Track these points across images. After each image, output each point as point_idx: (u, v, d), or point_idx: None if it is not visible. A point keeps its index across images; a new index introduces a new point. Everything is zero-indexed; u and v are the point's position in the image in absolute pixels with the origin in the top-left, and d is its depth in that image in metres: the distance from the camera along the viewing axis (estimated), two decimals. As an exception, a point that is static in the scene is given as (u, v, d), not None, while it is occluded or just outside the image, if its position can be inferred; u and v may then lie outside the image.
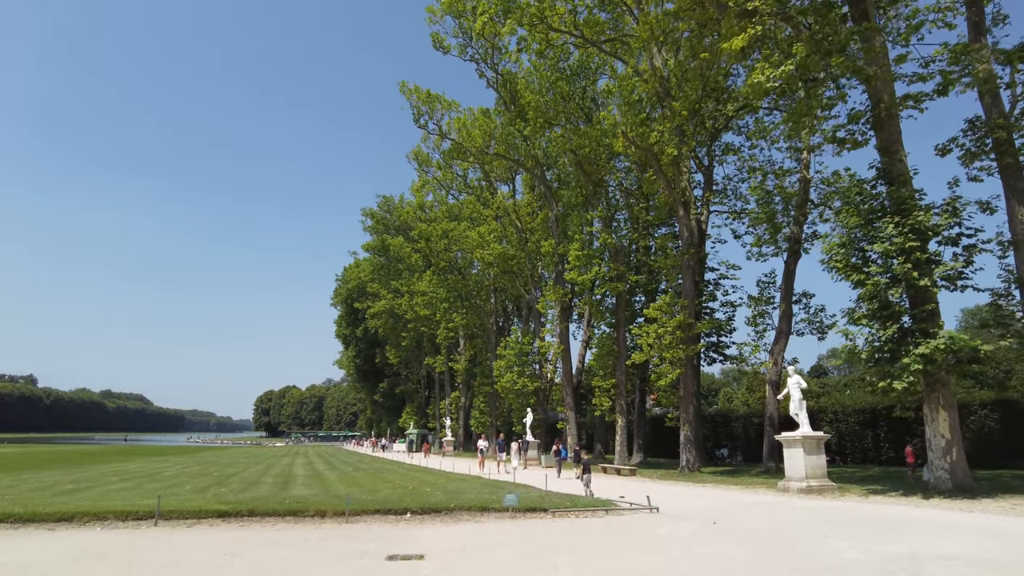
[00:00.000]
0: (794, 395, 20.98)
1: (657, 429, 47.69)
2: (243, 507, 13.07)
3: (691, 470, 29.77)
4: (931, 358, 16.35)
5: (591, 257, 37.01)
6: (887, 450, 33.62)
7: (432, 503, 14.25)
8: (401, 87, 51.01)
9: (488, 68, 46.01)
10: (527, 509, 13.88)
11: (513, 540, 11.13)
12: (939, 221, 17.30)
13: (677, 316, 30.33)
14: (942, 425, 18.05)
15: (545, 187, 45.12)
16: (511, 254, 49.53)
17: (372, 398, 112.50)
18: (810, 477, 19.55)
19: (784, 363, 31.49)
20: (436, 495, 16.52)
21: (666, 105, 30.97)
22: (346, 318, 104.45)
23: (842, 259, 18.46)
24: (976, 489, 17.72)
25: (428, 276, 62.40)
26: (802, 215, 32.96)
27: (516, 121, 43.14)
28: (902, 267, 16.81)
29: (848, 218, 18.62)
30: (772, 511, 15.06)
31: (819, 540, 10.71)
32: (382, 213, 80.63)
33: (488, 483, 22.12)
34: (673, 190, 31.98)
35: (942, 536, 11.10)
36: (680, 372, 30.70)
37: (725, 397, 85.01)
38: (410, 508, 13.59)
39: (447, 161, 61.68)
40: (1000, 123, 20.82)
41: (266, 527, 12.10)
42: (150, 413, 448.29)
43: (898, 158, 19.35)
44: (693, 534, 11.54)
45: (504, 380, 46.26)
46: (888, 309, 17.39)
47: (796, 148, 33.82)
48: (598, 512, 14.23)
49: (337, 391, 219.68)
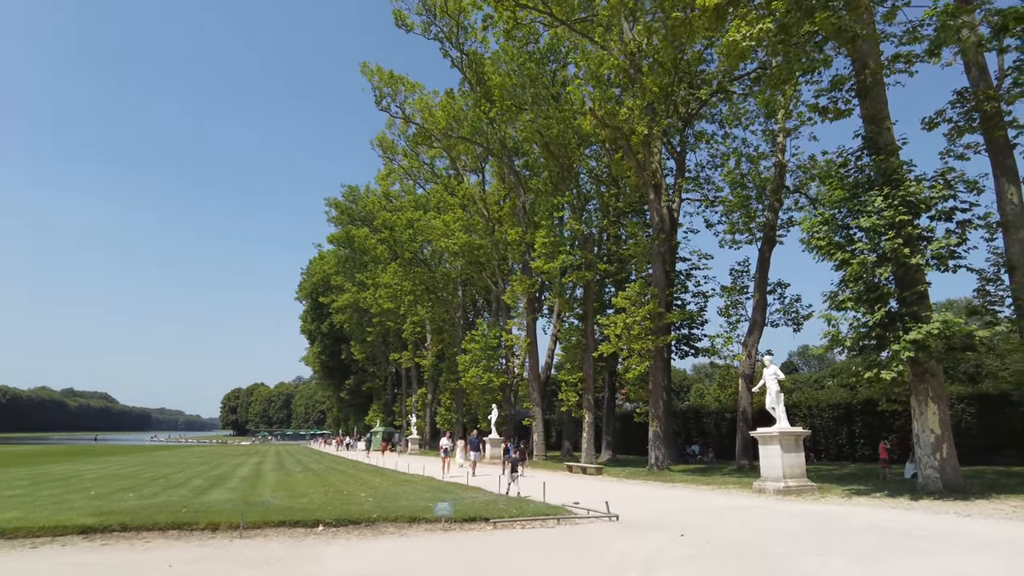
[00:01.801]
0: (770, 387, 19.22)
1: (627, 425, 46.09)
2: (114, 521, 10.74)
3: (660, 468, 28.00)
4: (923, 344, 14.64)
5: (558, 244, 35.00)
6: (862, 446, 32.57)
7: (353, 513, 12.06)
8: (362, 68, 48.58)
9: (453, 48, 43.81)
10: (465, 519, 11.79)
11: (436, 561, 9.03)
12: (932, 194, 15.59)
13: (647, 305, 28.49)
14: (931, 419, 16.41)
15: (513, 173, 43.02)
16: (477, 244, 47.33)
17: (338, 395, 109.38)
18: (788, 477, 17.78)
19: (758, 355, 29.92)
20: (367, 502, 14.34)
21: (636, 82, 29.09)
22: (311, 313, 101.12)
23: (824, 237, 16.67)
24: (968, 489, 16.11)
25: (393, 268, 59.95)
26: (777, 201, 31.43)
27: (482, 102, 40.99)
28: (892, 243, 15.06)
29: (832, 192, 16.85)
30: (750, 518, 13.18)
31: (813, 561, 8.76)
32: (347, 203, 77.72)
33: (437, 486, 19.96)
34: (643, 172, 30.13)
35: (955, 552, 9.28)
36: (649, 364, 28.90)
37: (697, 393, 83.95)
38: (323, 520, 11.39)
39: (413, 148, 59.29)
40: (990, 94, 19.31)
41: (134, 546, 9.81)
42: (115, 412, 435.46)
43: (885, 127, 17.68)
44: (656, 552, 9.55)
45: (469, 375, 44.12)
46: (876, 291, 15.64)
47: (771, 131, 32.29)
48: (548, 521, 12.20)
49: (306, 389, 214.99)
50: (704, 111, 36.75)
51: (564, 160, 37.34)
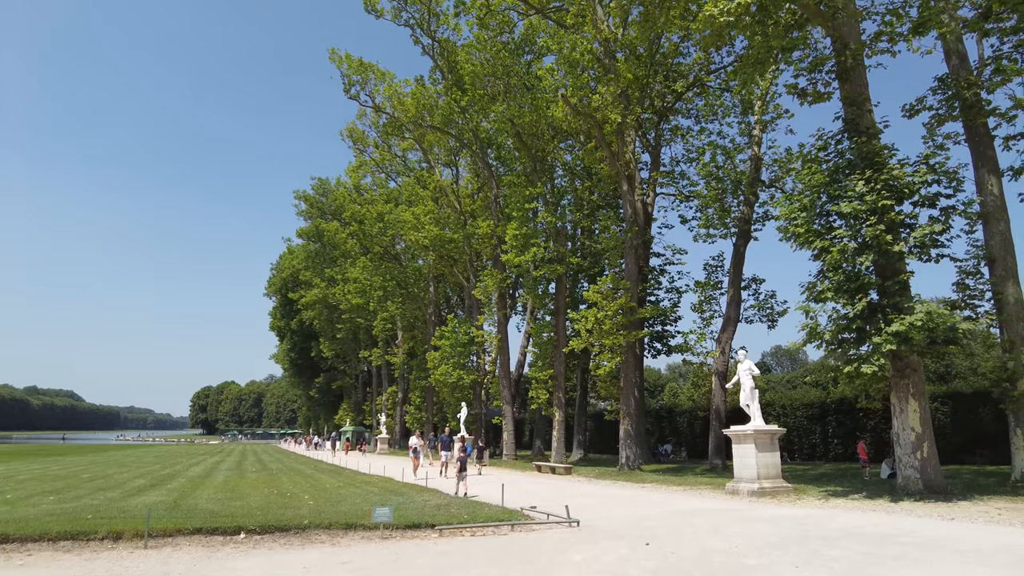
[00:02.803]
0: (745, 383, 18.26)
1: (601, 424, 45.26)
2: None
3: (631, 468, 27.00)
4: (906, 337, 13.75)
5: (530, 237, 33.81)
6: (836, 445, 32.12)
7: (285, 519, 10.73)
8: (331, 54, 46.93)
9: (424, 35, 42.38)
10: (408, 526, 10.53)
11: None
12: (915, 179, 14.71)
13: (619, 299, 27.46)
14: (912, 417, 15.55)
15: (485, 165, 41.75)
16: (448, 238, 45.97)
17: (308, 394, 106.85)
18: (763, 477, 16.83)
19: (732, 352, 29.11)
20: (306, 506, 13.01)
21: (611, 70, 28.05)
22: (281, 309, 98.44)
23: (803, 224, 15.72)
24: (949, 490, 15.28)
25: (362, 262, 58.20)
26: (753, 195, 30.69)
27: (453, 90, 39.68)
28: (874, 229, 14.14)
29: (811, 176, 15.91)
30: (722, 523, 12.13)
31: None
32: (317, 196, 75.64)
33: (391, 488, 18.64)
34: (617, 162, 29.12)
35: (948, 561, 8.28)
36: (621, 360, 27.90)
37: (671, 393, 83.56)
38: (247, 527, 10.06)
39: (384, 139, 57.58)
40: (972, 79, 18.61)
41: (10, 560, 8.39)
42: (81, 410, 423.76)
43: (866, 108, 16.82)
44: (616, 564, 8.40)
45: (438, 373, 42.72)
46: (856, 281, 14.72)
47: (747, 123, 31.55)
48: (502, 528, 11.00)
49: (277, 387, 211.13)
50: (680, 106, 35.91)
51: (537, 151, 36.20)
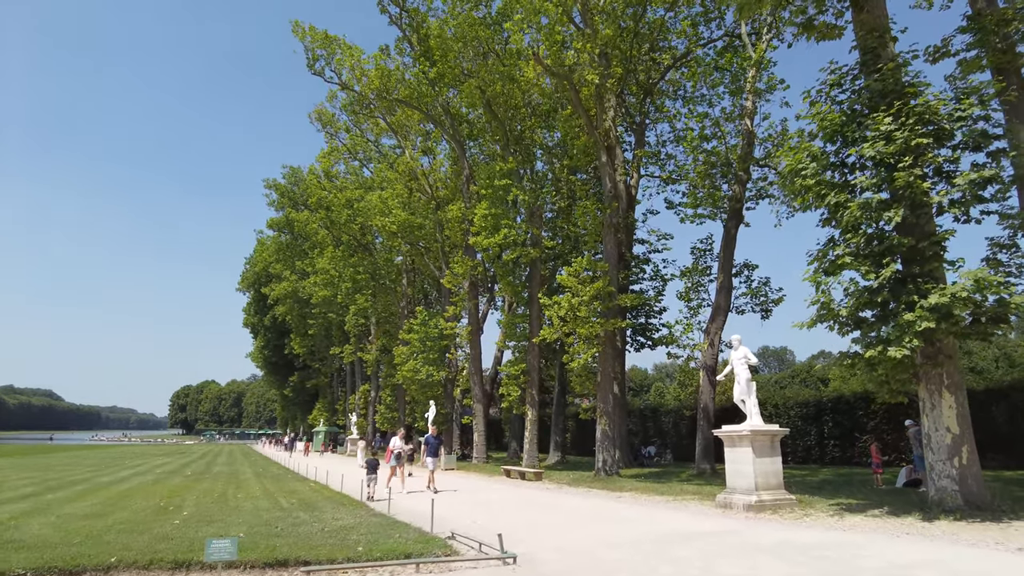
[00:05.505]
0: (740, 374, 15.17)
1: (581, 424, 42.25)
2: None
3: (609, 473, 23.86)
4: (947, 311, 10.70)
5: (500, 217, 30.55)
6: (832, 448, 29.46)
7: (83, 557, 7.45)
8: (294, 27, 43.39)
9: (392, 3, 39.11)
10: (268, 563, 7.32)
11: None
12: (956, 111, 11.63)
13: (596, 283, 24.29)
14: (947, 415, 12.50)
15: (456, 142, 38.48)
16: (418, 223, 42.67)
17: (283, 393, 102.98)
18: (761, 488, 13.72)
19: (722, 343, 26.08)
20: (154, 530, 9.73)
21: (587, 22, 24.93)
22: (254, 305, 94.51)
23: (813, 175, 12.62)
24: (997, 506, 12.23)
25: (330, 251, 54.71)
26: (745, 171, 27.62)
27: (421, 61, 36.42)
28: (907, 175, 11.05)
29: (825, 116, 12.80)
30: (714, 557, 8.99)
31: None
32: (288, 186, 72.10)
33: (311, 500, 15.34)
34: (595, 131, 25.96)
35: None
36: (598, 352, 24.76)
37: (657, 392, 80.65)
38: (16, 570, 6.78)
39: (356, 123, 54.18)
40: (1008, 14, 15.63)
41: None
42: (60, 410, 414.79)
43: (889, 38, 13.79)
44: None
45: (406, 369, 39.42)
46: (882, 242, 11.65)
47: (739, 89, 28.44)
48: (407, 567, 7.80)
49: (257, 386, 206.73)
50: (666, 88, 32.96)
51: (511, 127, 33.03)
